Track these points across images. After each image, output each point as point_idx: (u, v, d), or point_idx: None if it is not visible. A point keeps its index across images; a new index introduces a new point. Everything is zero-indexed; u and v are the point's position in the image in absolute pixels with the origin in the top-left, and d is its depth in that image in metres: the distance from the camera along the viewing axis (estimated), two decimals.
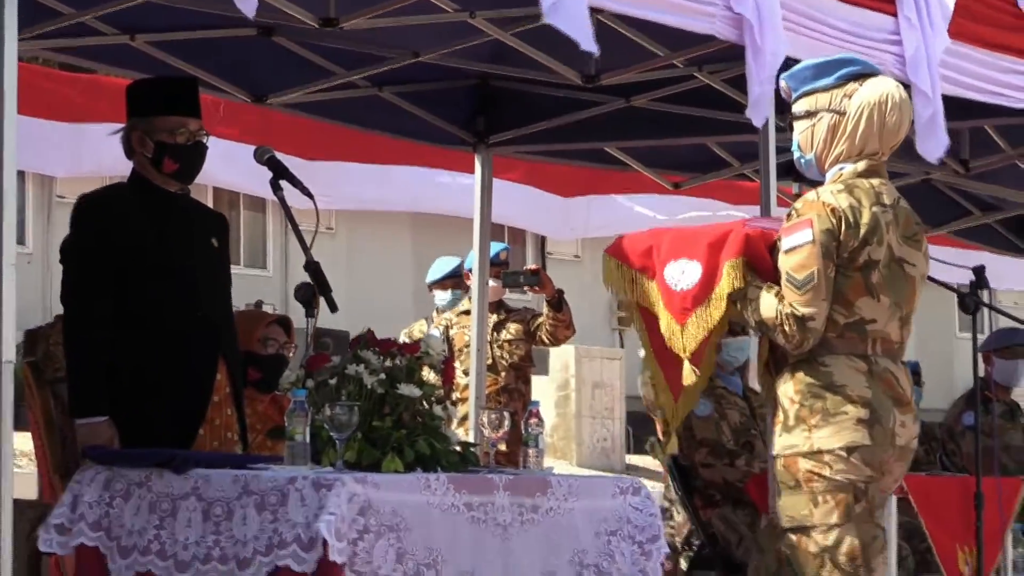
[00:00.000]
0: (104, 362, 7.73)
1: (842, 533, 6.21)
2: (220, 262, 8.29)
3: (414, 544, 6.87)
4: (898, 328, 6.34)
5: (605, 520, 7.56)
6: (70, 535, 7.30)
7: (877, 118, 6.32)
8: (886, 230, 6.26)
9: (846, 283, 6.22)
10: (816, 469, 6.20)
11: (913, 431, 6.40)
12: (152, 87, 8.29)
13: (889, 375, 6.29)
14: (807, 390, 6.20)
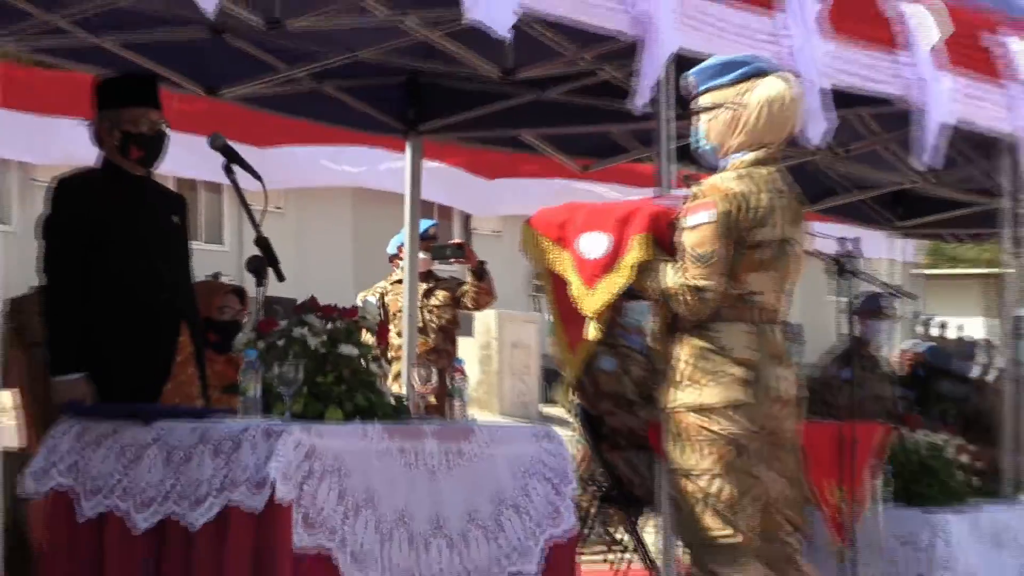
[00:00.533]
0: (79, 326, 7.82)
1: (722, 482, 6.25)
2: (181, 238, 8.41)
3: (354, 485, 6.97)
4: (779, 298, 6.44)
5: (522, 463, 7.66)
6: (45, 479, 7.39)
7: (772, 113, 6.40)
8: (778, 214, 6.37)
9: (739, 260, 6.31)
10: (702, 423, 6.25)
11: (792, 382, 6.47)
12: (116, 83, 8.37)
13: (771, 338, 6.39)
14: (698, 353, 6.26)
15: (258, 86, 11.15)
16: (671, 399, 6.51)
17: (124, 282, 7.92)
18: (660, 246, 6.44)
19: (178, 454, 7.06)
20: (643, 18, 8.11)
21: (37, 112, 10.52)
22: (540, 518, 7.64)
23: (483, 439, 7.67)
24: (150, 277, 8.07)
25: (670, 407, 6.51)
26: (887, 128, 12.18)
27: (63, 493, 7.36)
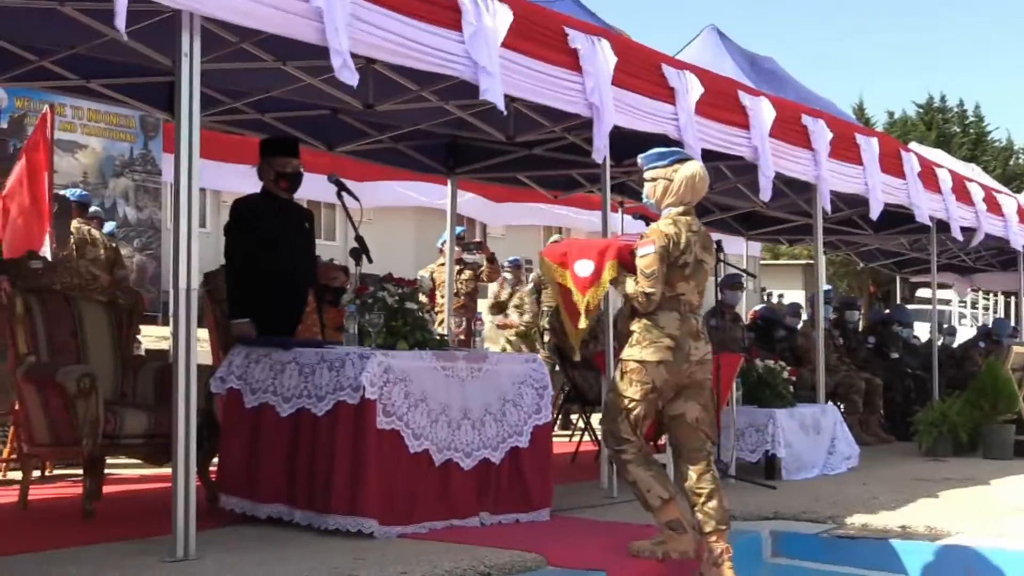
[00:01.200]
0: (247, 290, 7.85)
1: (636, 405, 6.30)
2: (309, 237, 8.46)
3: (413, 389, 7.02)
4: (697, 297, 6.47)
5: (518, 376, 7.68)
6: (225, 382, 7.43)
7: (691, 184, 6.40)
8: (694, 245, 6.39)
9: (671, 274, 6.26)
10: (637, 368, 6.29)
11: (704, 350, 6.47)
12: (273, 141, 8.40)
13: (691, 322, 6.40)
14: (644, 328, 6.27)
15: (358, 145, 11.14)
16: (626, 353, 6.48)
17: (275, 263, 7.95)
18: (624, 266, 6.48)
19: (307, 368, 7.11)
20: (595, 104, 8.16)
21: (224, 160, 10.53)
22: (529, 410, 7.67)
23: (493, 361, 7.75)
24: (290, 260, 8.11)
25: (624, 357, 6.48)
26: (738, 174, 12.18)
27: (236, 391, 7.40)
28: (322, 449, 7.00)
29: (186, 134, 5.97)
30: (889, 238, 17.71)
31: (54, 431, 7.82)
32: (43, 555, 6.13)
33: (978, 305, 38.50)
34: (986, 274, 22.18)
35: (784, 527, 7.92)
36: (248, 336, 7.76)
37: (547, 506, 7.72)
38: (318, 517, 6.95)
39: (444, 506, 7.16)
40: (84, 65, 8.88)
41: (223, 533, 6.82)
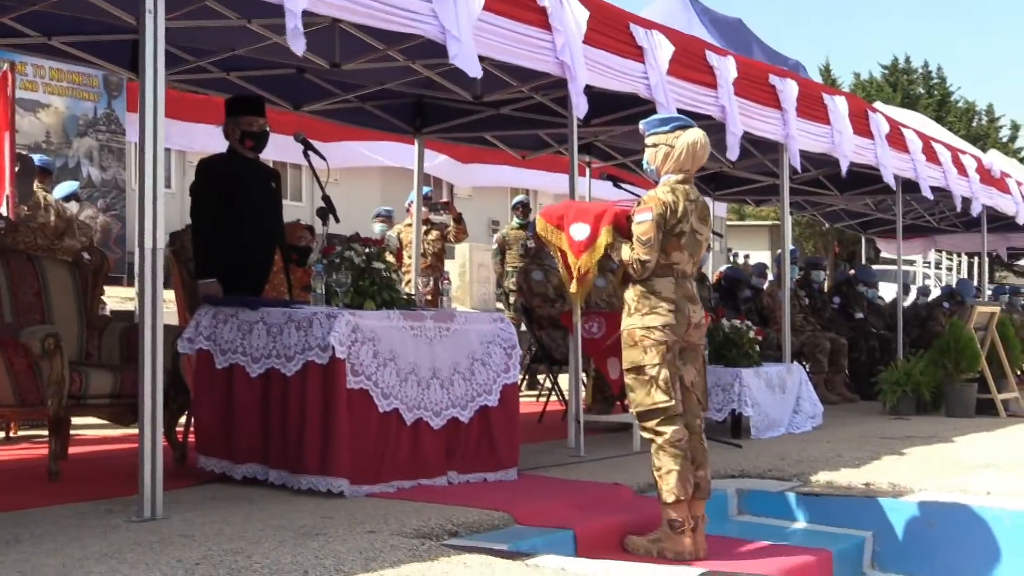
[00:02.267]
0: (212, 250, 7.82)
1: (659, 368, 6.26)
2: (276, 196, 8.42)
3: (382, 348, 7.01)
4: (690, 266, 6.42)
5: (486, 335, 7.68)
6: (193, 342, 7.40)
7: (692, 152, 6.36)
8: (690, 215, 6.36)
9: (667, 242, 6.21)
10: (646, 335, 6.25)
11: (700, 313, 6.46)
12: (238, 100, 8.36)
13: (686, 287, 6.36)
14: (641, 294, 6.23)
15: (324, 104, 11.09)
16: (626, 324, 6.45)
17: (241, 223, 7.93)
18: (619, 232, 6.46)
19: (275, 328, 7.11)
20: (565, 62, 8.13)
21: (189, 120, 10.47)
22: (498, 369, 7.66)
23: (461, 320, 7.71)
24: (256, 220, 8.08)
25: (626, 328, 6.44)
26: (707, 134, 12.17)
27: (205, 351, 7.38)
28: (293, 409, 7.00)
29: (151, 93, 5.93)
30: (855, 199, 17.76)
31: (19, 392, 7.77)
32: (9, 515, 6.11)
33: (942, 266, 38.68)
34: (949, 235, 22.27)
35: (750, 485, 7.97)
36: (215, 296, 7.72)
37: (514, 465, 7.73)
38: (291, 477, 6.99)
39: (413, 465, 7.16)
40: (46, 22, 8.80)
41: (191, 493, 6.81)
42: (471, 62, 7.34)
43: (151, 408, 5.97)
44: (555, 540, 5.97)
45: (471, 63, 7.34)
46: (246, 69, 10.10)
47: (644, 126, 6.67)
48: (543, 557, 5.36)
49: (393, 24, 7.00)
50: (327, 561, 5.02)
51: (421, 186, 13.19)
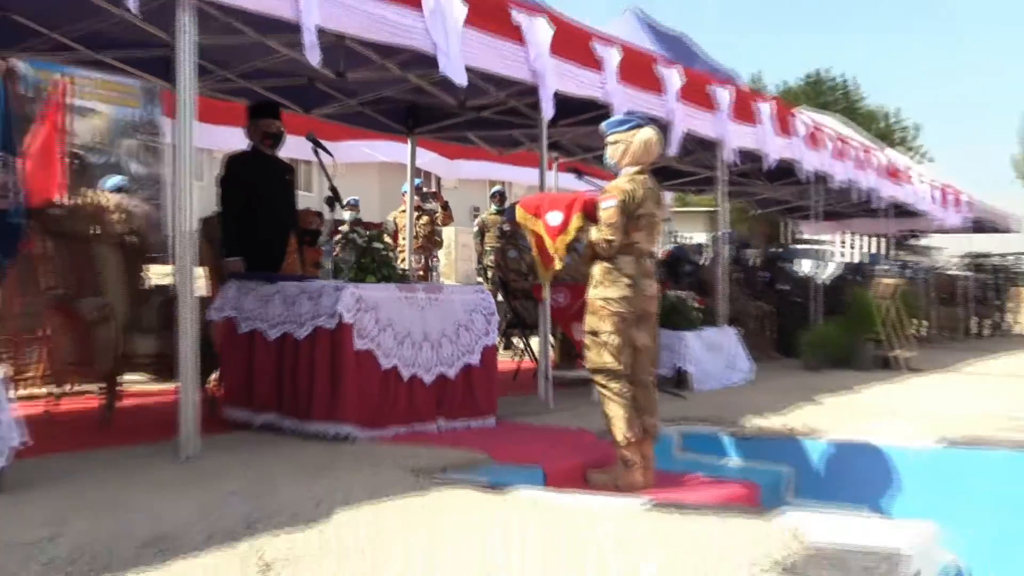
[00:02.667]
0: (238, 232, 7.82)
1: (612, 335, 6.28)
2: (290, 187, 8.40)
3: (382, 315, 7.01)
4: (648, 244, 6.40)
5: (469, 304, 7.68)
6: (221, 311, 7.42)
7: (647, 147, 6.38)
8: (648, 200, 6.35)
9: (628, 224, 6.23)
10: (605, 305, 6.26)
11: (654, 287, 6.51)
12: (259, 106, 8.37)
13: (644, 264, 6.36)
14: (606, 270, 6.25)
15: (331, 108, 11.07)
16: (591, 293, 6.47)
17: (261, 210, 7.93)
18: (588, 217, 6.47)
19: (290, 299, 7.11)
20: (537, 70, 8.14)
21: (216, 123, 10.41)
22: (479, 333, 7.67)
23: (448, 292, 7.75)
24: (274, 208, 8.09)
25: (591, 298, 6.47)
26: None
27: (231, 319, 7.40)
28: (303, 367, 7.02)
29: (184, 100, 5.94)
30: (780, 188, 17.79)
31: (77, 352, 7.89)
32: (68, 456, 6.14)
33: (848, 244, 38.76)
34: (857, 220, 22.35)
35: (691, 429, 8.00)
36: (239, 272, 7.74)
37: (493, 414, 7.75)
38: (301, 424, 7.00)
39: (408, 414, 7.18)
40: (95, 40, 8.75)
41: (220, 438, 6.81)
42: (458, 73, 7.34)
43: (188, 366, 5.98)
44: (527, 475, 5.99)
45: (458, 73, 7.35)
46: (264, 79, 10.04)
47: (605, 127, 6.68)
48: (517, 489, 5.38)
49: (392, 39, 6.99)
50: (337, 494, 5.05)
51: (413, 178, 13.17)
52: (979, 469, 6.94)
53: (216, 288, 7.99)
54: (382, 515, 4.69)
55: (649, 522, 4.62)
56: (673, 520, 4.66)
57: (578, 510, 4.89)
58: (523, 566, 3.90)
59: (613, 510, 4.90)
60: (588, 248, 6.56)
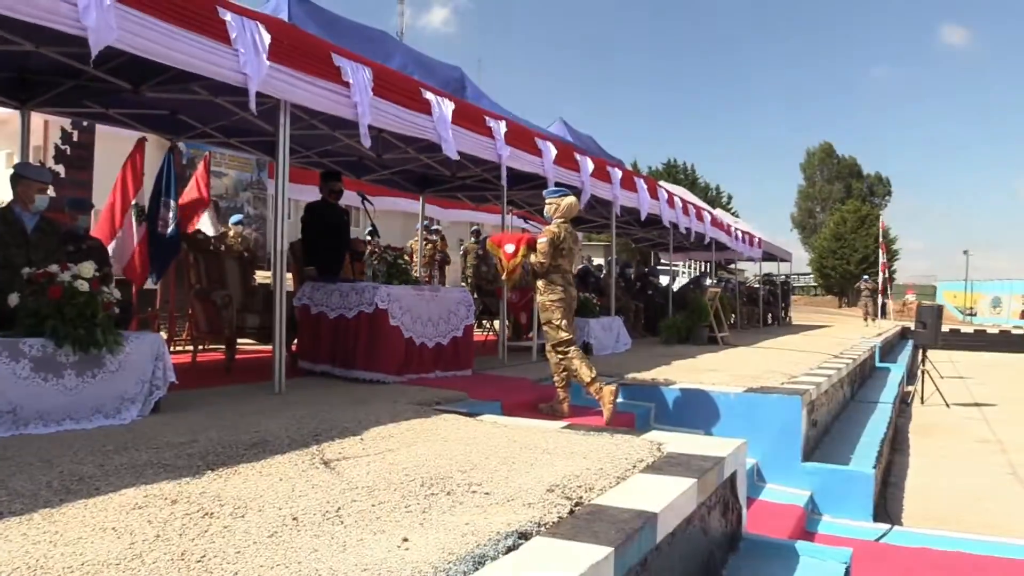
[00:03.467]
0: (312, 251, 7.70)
1: (561, 318, 6.17)
2: (347, 225, 8.23)
3: (403, 304, 6.93)
4: (569, 266, 6.28)
5: (457, 299, 7.61)
6: (300, 300, 7.31)
7: (570, 207, 6.25)
8: (569, 239, 6.24)
9: (556, 254, 6.13)
10: (551, 303, 6.14)
11: (574, 293, 6.34)
12: (328, 173, 8.18)
13: (568, 278, 6.24)
14: (546, 283, 6.12)
15: (373, 176, 10.95)
16: (539, 299, 6.32)
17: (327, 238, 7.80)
18: (531, 248, 6.35)
19: (344, 293, 7.00)
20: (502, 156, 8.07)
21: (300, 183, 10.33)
22: (462, 317, 7.61)
23: (444, 291, 7.63)
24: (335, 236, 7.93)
25: (540, 301, 6.31)
26: None
27: (306, 305, 7.27)
28: (351, 335, 6.93)
29: (281, 168, 5.85)
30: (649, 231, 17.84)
31: (210, 324, 7.80)
32: (202, 390, 6.07)
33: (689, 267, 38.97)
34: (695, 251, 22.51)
35: None
36: (313, 277, 7.62)
37: (470, 368, 7.70)
38: (348, 371, 6.92)
39: (418, 367, 7.11)
40: (227, 130, 8.63)
41: (300, 380, 6.74)
42: (452, 153, 7.26)
43: (279, 334, 5.90)
44: (491, 407, 5.94)
45: (453, 153, 7.27)
46: (332, 156, 9.89)
47: (545, 193, 6.58)
48: (485, 415, 5.34)
49: (413, 133, 6.92)
50: (371, 416, 4.99)
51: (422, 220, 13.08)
52: (766, 406, 6.97)
53: (298, 286, 7.89)
54: (399, 429, 4.63)
55: (565, 437, 4.59)
56: (580, 436, 4.64)
57: (522, 427, 4.86)
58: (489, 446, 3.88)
59: (543, 428, 4.87)
60: (530, 268, 6.45)
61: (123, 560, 2.43)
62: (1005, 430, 11.60)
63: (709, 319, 13.71)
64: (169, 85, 6.60)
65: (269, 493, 3.19)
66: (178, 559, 2.45)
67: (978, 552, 5.60)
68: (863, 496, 6.53)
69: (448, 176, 11.11)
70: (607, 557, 2.53)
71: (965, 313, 52.11)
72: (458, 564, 2.44)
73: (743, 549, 4.18)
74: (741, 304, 21.12)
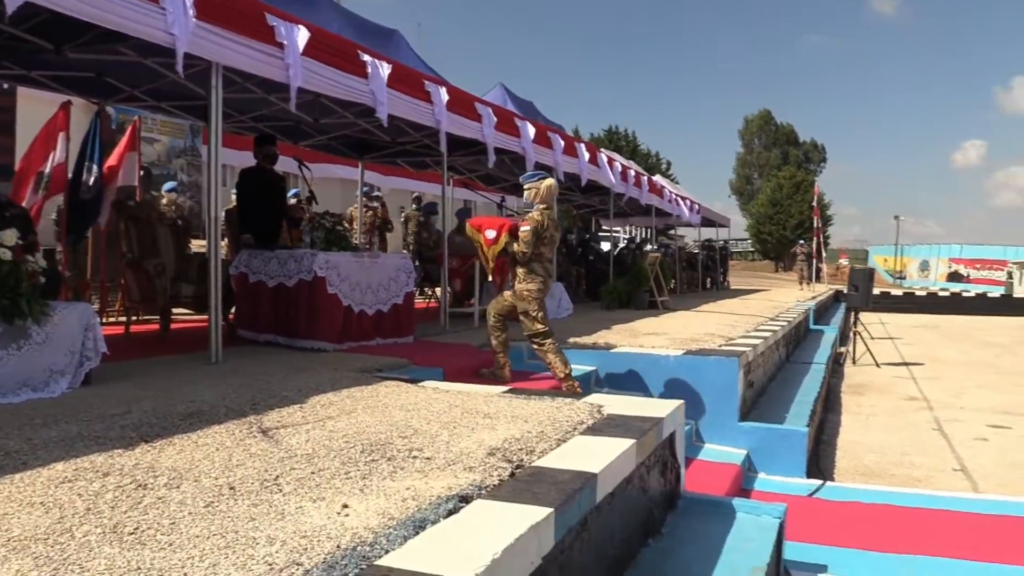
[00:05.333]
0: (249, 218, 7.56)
1: (538, 311, 6.08)
2: (283, 191, 8.09)
3: (342, 272, 6.84)
4: (550, 254, 6.16)
5: (397, 266, 7.55)
6: (237, 268, 7.17)
7: (551, 191, 6.15)
8: (551, 226, 6.14)
9: (538, 242, 6.04)
10: (530, 294, 6.06)
11: (552, 281, 6.27)
12: (262, 137, 7.98)
13: (549, 267, 6.15)
14: (526, 271, 6.04)
15: (310, 141, 10.71)
16: (519, 287, 6.20)
17: (263, 204, 7.64)
18: (512, 235, 6.23)
19: (282, 261, 6.88)
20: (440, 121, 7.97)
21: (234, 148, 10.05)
22: (402, 284, 7.55)
23: (383, 258, 7.55)
24: (272, 203, 7.79)
25: (519, 290, 6.20)
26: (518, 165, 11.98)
27: (243, 273, 7.13)
28: (291, 304, 6.83)
29: (214, 134, 5.69)
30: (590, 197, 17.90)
31: (142, 293, 7.61)
32: (138, 361, 5.91)
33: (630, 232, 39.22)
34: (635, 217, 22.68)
35: None
36: (250, 244, 7.46)
37: (412, 334, 7.66)
38: (291, 340, 6.83)
39: (358, 334, 7.06)
40: (158, 94, 8.36)
41: (237, 349, 6.62)
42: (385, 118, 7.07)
43: (215, 303, 5.77)
44: (433, 373, 5.94)
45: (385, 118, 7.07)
46: (266, 121, 9.65)
47: (523, 179, 6.43)
48: (427, 381, 5.32)
49: (348, 96, 6.75)
50: (310, 384, 4.92)
51: (362, 188, 12.90)
52: (704, 368, 7.09)
53: (234, 254, 7.72)
54: (340, 397, 4.59)
55: (506, 401, 4.61)
56: (522, 400, 4.65)
57: (464, 392, 4.85)
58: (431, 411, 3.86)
59: (485, 393, 4.87)
60: (511, 255, 6.26)
61: (52, 535, 2.36)
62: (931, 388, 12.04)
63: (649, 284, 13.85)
64: (94, 45, 6.35)
65: (205, 463, 3.13)
66: (110, 532, 2.39)
67: (904, 504, 5.81)
68: (797, 454, 6.71)
69: (388, 142, 10.95)
70: (547, 518, 2.54)
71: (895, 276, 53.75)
72: (398, 528, 2.43)
73: (681, 507, 4.26)
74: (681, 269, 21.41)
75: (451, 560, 2.19)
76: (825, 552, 4.76)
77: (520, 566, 2.35)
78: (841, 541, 5.00)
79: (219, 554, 2.24)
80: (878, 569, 4.53)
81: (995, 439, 8.60)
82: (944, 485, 6.74)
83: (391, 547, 2.30)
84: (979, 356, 16.65)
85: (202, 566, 2.16)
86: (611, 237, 19.16)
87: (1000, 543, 4.91)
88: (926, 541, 4.97)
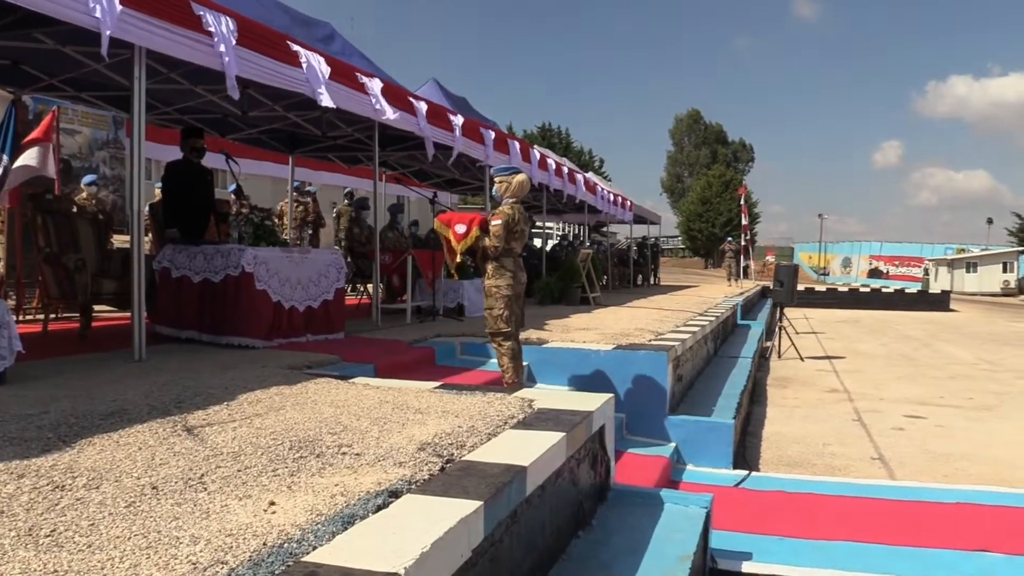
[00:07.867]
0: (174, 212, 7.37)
1: (503, 310, 5.96)
2: (210, 185, 7.88)
3: (271, 267, 6.73)
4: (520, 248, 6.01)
5: (327, 262, 7.46)
6: (161, 263, 6.98)
7: (521, 185, 6.00)
8: (521, 220, 5.98)
9: (508, 236, 5.88)
10: (497, 290, 5.95)
11: (523, 277, 6.12)
12: (189, 129, 7.79)
13: (519, 262, 6.01)
14: (495, 267, 5.92)
15: (238, 134, 10.51)
16: (487, 283, 6.06)
17: (190, 198, 7.46)
18: (483, 229, 6.09)
19: (208, 256, 6.73)
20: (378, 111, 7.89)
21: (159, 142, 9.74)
22: (333, 280, 7.46)
23: (313, 253, 7.43)
24: (199, 197, 7.61)
25: (488, 285, 6.05)
26: None
27: (167, 268, 6.95)
28: (218, 300, 6.69)
29: (137, 126, 5.53)
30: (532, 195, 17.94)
31: (62, 290, 7.34)
32: (56, 360, 5.72)
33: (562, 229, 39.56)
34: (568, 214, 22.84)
35: (466, 340, 7.98)
36: (175, 238, 7.28)
37: (343, 331, 7.58)
38: (217, 337, 6.69)
39: (288, 331, 6.95)
40: (79, 83, 8.09)
41: (162, 347, 6.46)
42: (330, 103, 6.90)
43: (138, 300, 5.62)
44: (365, 369, 5.88)
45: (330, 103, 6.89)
46: (192, 113, 9.42)
47: (494, 171, 6.32)
48: (358, 378, 5.27)
49: (285, 85, 6.59)
50: (237, 381, 4.83)
51: (293, 181, 12.71)
52: (634, 362, 7.17)
53: (158, 248, 7.52)
54: (268, 394, 4.52)
55: (437, 396, 4.60)
56: (454, 395, 4.65)
57: (395, 388, 4.83)
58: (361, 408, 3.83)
59: (416, 388, 4.85)
60: (481, 250, 6.13)
61: None
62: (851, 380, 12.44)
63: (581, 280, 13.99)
64: (10, 31, 6.11)
65: (127, 463, 3.05)
66: (25, 535, 2.31)
67: (825, 492, 5.99)
68: (724, 445, 6.85)
69: (319, 136, 10.80)
70: (477, 511, 2.55)
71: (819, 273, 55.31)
72: (327, 524, 2.41)
73: (611, 499, 4.31)
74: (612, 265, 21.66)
75: (380, 555, 2.18)
76: (750, 540, 4.88)
77: (450, 559, 2.35)
78: (765, 529, 5.13)
79: (140, 554, 2.18)
80: (800, 554, 4.66)
81: (911, 429, 8.92)
82: (863, 473, 6.96)
83: (319, 543, 2.27)
84: (897, 349, 17.26)
85: (123, 567, 2.10)
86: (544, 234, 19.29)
87: (915, 528, 5.11)
88: (845, 527, 5.13)
